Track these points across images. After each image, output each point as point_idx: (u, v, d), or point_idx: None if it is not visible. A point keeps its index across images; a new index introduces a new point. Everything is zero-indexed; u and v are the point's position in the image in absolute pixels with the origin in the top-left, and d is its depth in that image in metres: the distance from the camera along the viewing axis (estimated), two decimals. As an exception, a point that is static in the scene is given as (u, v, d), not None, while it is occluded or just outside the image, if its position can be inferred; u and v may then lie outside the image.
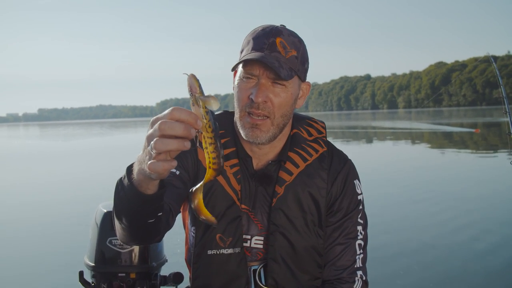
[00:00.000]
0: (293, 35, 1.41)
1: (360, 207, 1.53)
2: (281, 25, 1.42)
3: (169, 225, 1.29)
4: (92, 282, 1.93)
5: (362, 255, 1.50)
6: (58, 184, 10.58)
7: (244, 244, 1.47)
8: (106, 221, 1.92)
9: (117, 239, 1.88)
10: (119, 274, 1.85)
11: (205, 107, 0.88)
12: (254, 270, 1.47)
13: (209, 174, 0.93)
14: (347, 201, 1.51)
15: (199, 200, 0.97)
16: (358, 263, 1.48)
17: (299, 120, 1.55)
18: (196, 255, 1.48)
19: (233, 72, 1.47)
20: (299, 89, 1.44)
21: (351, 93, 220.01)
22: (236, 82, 1.41)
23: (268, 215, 1.46)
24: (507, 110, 2.69)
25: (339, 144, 1.22)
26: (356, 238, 1.49)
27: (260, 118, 1.36)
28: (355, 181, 1.54)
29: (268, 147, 1.47)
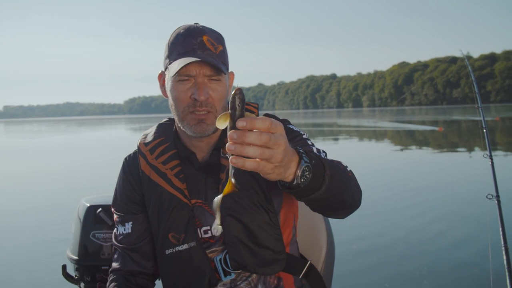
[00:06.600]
0: (213, 31, 1.48)
1: (304, 136, 1.51)
2: (195, 23, 1.49)
3: None
4: (76, 275, 1.95)
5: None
6: (34, 180, 10.34)
7: (206, 235, 1.52)
8: (89, 215, 1.95)
9: (101, 233, 1.93)
10: (103, 267, 1.89)
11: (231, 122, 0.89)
12: (220, 260, 1.51)
13: (229, 187, 0.94)
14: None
15: (219, 211, 0.97)
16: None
17: None
18: (158, 256, 1.54)
19: (158, 76, 1.54)
20: (228, 80, 1.52)
21: (317, 91, 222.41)
22: (170, 86, 1.46)
23: None
24: (480, 106, 2.86)
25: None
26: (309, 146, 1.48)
27: (203, 113, 1.43)
28: (288, 127, 1.53)
29: (208, 138, 1.52)
